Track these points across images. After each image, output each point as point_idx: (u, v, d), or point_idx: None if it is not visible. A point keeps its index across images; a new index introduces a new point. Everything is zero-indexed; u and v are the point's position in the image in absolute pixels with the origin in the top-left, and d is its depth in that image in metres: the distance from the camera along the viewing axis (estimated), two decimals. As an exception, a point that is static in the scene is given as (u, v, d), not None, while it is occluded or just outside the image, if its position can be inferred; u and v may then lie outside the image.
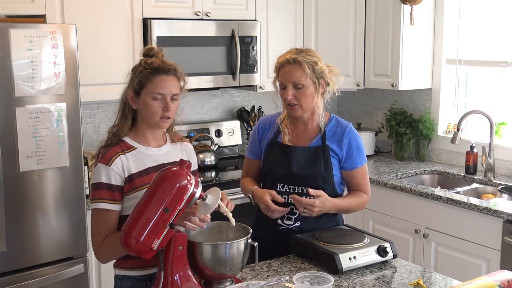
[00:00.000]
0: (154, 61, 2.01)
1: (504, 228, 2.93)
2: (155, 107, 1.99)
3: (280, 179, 2.36)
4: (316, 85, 2.30)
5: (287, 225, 2.36)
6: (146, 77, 1.98)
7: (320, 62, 2.30)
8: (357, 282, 2.03)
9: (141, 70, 1.99)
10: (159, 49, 2.07)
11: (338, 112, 4.81)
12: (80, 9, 3.18)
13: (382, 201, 3.59)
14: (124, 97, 2.06)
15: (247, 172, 2.54)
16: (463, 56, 3.91)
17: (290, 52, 2.31)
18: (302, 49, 2.34)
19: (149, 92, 1.98)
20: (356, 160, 2.38)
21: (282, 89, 2.32)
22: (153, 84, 1.98)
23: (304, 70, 2.25)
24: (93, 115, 3.70)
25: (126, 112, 2.06)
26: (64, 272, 2.86)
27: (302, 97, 2.29)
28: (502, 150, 3.63)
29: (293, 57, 2.26)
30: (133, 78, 2.02)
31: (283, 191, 2.35)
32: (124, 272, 2.07)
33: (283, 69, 2.30)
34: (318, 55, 2.33)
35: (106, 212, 1.97)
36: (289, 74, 2.27)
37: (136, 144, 2.05)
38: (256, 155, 2.49)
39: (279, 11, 3.96)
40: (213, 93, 4.18)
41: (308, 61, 2.26)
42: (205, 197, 1.86)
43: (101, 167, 1.98)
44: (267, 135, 2.45)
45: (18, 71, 2.63)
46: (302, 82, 2.26)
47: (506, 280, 1.73)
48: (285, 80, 2.29)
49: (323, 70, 2.31)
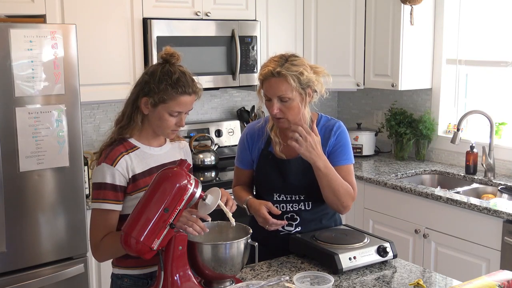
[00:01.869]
0: (179, 77, 1.94)
1: (504, 228, 2.93)
2: (170, 122, 1.98)
3: (276, 190, 2.31)
4: (302, 96, 2.17)
5: (287, 231, 2.33)
6: (170, 95, 1.94)
7: (306, 70, 2.15)
8: (357, 282, 2.03)
9: (165, 86, 1.93)
10: (179, 54, 2.00)
11: (338, 112, 4.81)
12: (80, 9, 3.18)
13: (382, 201, 3.59)
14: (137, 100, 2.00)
15: (238, 181, 2.47)
16: (463, 56, 3.91)
17: (274, 62, 2.16)
18: (286, 57, 2.17)
19: (168, 109, 1.96)
20: (340, 157, 2.28)
21: (267, 101, 2.19)
22: (175, 103, 1.95)
23: (290, 83, 2.12)
24: (93, 115, 3.70)
25: (136, 116, 2.01)
26: (64, 272, 2.86)
27: (288, 110, 2.16)
28: (502, 150, 3.63)
29: (277, 70, 2.11)
30: (153, 89, 1.95)
31: (280, 200, 2.32)
32: (124, 271, 2.07)
33: (267, 82, 2.16)
34: (304, 62, 2.18)
35: (109, 213, 1.97)
36: (274, 88, 2.14)
37: (139, 144, 2.04)
38: (246, 165, 2.41)
39: (279, 11, 3.96)
40: (213, 93, 4.19)
41: (293, 74, 2.12)
42: (205, 197, 1.86)
43: (105, 167, 1.96)
44: (257, 145, 2.36)
45: (18, 71, 2.63)
46: (288, 95, 2.13)
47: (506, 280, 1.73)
48: (270, 94, 2.16)
49: (310, 78, 2.16)
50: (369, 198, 3.67)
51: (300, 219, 2.32)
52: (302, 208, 2.32)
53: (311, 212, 2.33)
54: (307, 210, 2.32)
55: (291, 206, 2.31)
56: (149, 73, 2.00)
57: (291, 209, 2.31)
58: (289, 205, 2.31)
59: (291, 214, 2.32)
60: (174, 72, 1.95)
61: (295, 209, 2.32)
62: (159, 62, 2.02)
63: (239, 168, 2.46)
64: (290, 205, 2.31)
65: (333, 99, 4.78)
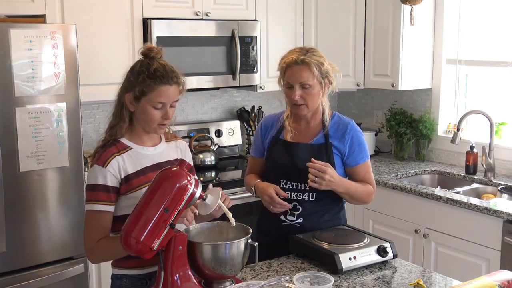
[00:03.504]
0: (157, 68, 1.96)
1: (504, 228, 2.93)
2: (155, 115, 1.99)
3: (283, 175, 2.38)
4: (322, 85, 2.32)
5: (289, 220, 2.37)
6: (149, 86, 1.95)
7: (326, 62, 2.32)
8: (357, 282, 2.03)
9: (143, 78, 1.95)
10: (159, 49, 2.03)
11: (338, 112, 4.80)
12: (80, 9, 3.18)
13: (382, 201, 3.59)
14: (122, 98, 2.03)
15: (251, 169, 2.57)
16: (463, 56, 3.91)
17: (296, 52, 2.31)
18: (306, 49, 2.34)
19: (150, 101, 1.97)
20: (359, 156, 2.39)
21: (288, 88, 2.33)
22: (155, 93, 1.96)
23: (312, 70, 2.27)
24: (93, 115, 3.70)
25: (123, 113, 2.03)
26: (64, 272, 2.87)
27: (308, 97, 2.30)
28: (502, 150, 3.63)
29: (301, 58, 2.27)
30: (133, 83, 1.98)
31: (286, 188, 2.37)
32: (124, 271, 2.07)
33: (290, 70, 2.30)
34: (322, 54, 2.34)
35: (101, 214, 1.97)
36: (297, 75, 2.28)
37: (132, 144, 2.05)
38: (259, 153, 2.52)
39: (279, 11, 3.96)
40: (213, 93, 4.18)
41: (316, 62, 2.28)
42: (205, 197, 1.86)
43: (97, 168, 1.97)
44: (269, 133, 2.48)
45: (18, 71, 2.63)
46: (309, 82, 2.28)
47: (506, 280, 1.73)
48: (292, 80, 2.30)
49: (328, 70, 2.32)
50: (369, 198, 3.67)
51: (302, 209, 2.36)
52: (305, 199, 2.36)
53: (315, 204, 2.36)
54: (311, 201, 2.36)
55: (296, 195, 2.36)
56: (129, 69, 2.03)
57: (295, 198, 2.35)
58: (294, 194, 2.36)
59: (294, 204, 2.36)
60: (152, 64, 1.97)
61: (299, 198, 2.36)
62: (140, 58, 2.04)
63: (252, 157, 2.57)
64: (294, 194, 2.36)
65: (333, 99, 4.76)
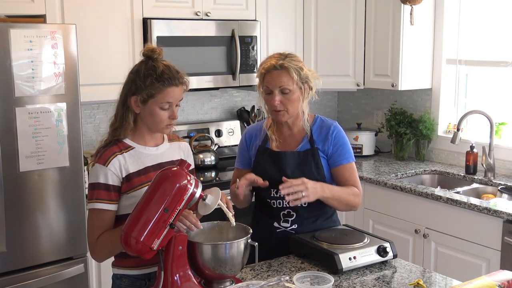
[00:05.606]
0: (163, 70, 1.97)
1: (504, 228, 2.93)
2: (162, 116, 2.00)
3: (273, 185, 2.32)
4: (301, 90, 2.30)
5: (283, 227, 2.35)
6: (157, 88, 1.96)
7: (305, 67, 2.31)
8: (357, 282, 2.03)
9: (151, 81, 1.95)
10: (159, 49, 2.04)
11: (338, 112, 4.81)
12: (80, 9, 3.18)
13: (382, 201, 3.59)
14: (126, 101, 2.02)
15: (235, 181, 2.46)
16: (463, 56, 3.91)
17: (275, 58, 2.29)
18: (285, 54, 2.31)
19: (158, 102, 1.97)
20: (342, 157, 2.36)
21: (267, 95, 2.30)
22: (163, 95, 1.97)
23: (291, 75, 2.24)
24: (93, 115, 3.70)
25: (128, 116, 2.03)
26: (64, 272, 2.86)
27: (288, 102, 2.28)
28: (502, 150, 3.63)
29: (280, 63, 2.25)
30: (140, 86, 1.97)
31: (277, 196, 2.34)
32: (123, 271, 2.07)
33: (269, 75, 2.27)
34: (301, 60, 2.33)
35: (102, 212, 1.97)
36: (276, 80, 2.26)
37: (134, 144, 2.05)
38: (245, 164, 2.47)
39: (279, 11, 3.96)
40: (213, 93, 4.19)
41: (295, 67, 2.25)
42: (205, 197, 1.86)
43: (98, 167, 1.98)
44: (254, 143, 2.44)
45: (18, 71, 2.63)
46: (289, 87, 2.25)
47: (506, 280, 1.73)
48: (272, 85, 2.27)
49: (308, 75, 2.30)
50: (369, 198, 3.66)
51: (296, 216, 2.34)
52: (298, 205, 2.32)
53: (308, 209, 2.35)
54: (304, 207, 2.33)
55: (288, 203, 2.30)
56: (133, 71, 2.02)
57: (288, 205, 2.31)
58: (286, 202, 2.30)
59: (288, 211, 2.34)
60: (158, 67, 1.98)
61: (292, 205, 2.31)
62: (142, 60, 2.04)
63: (238, 169, 2.51)
64: (287, 202, 2.30)
65: (333, 99, 4.78)
